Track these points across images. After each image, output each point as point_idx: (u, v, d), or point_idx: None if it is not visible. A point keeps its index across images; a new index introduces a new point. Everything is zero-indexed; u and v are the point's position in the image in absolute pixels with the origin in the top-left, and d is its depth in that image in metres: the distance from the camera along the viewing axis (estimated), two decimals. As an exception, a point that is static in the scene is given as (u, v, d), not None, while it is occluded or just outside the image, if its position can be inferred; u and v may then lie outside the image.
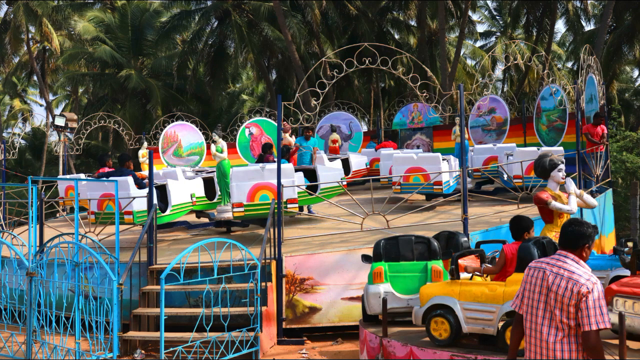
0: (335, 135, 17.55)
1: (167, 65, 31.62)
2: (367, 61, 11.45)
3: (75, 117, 18.60)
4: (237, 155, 17.47)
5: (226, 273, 7.30)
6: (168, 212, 10.19)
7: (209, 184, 11.86)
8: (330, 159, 14.68)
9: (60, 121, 17.73)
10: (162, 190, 10.29)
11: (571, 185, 7.04)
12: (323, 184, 10.76)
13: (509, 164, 11.78)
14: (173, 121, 18.40)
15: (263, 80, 34.27)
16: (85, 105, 37.32)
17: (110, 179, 9.35)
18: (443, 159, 11.65)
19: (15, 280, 8.10)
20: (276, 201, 8.54)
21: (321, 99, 12.23)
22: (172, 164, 16.57)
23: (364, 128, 24.72)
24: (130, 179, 9.81)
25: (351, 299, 8.11)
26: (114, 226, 7.91)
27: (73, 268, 7.15)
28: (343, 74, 12.04)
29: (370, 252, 6.83)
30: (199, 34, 29.86)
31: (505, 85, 38.64)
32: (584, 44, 18.83)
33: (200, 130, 18.05)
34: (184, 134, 17.47)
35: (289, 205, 9.53)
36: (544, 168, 7.06)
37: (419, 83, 13.04)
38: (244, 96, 41.92)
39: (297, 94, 10.34)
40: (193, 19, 30.36)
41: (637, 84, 42.66)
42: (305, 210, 10.97)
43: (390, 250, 6.48)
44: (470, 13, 32.20)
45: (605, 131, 12.55)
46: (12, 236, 9.36)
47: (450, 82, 25.79)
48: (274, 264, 8.07)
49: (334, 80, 13.47)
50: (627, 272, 5.92)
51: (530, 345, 3.56)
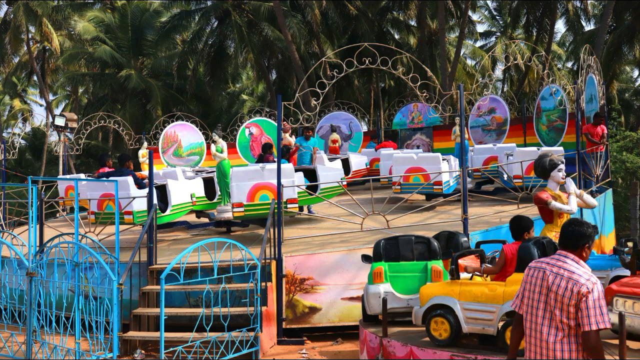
0: (335, 135, 17.54)
1: (167, 65, 31.63)
2: (367, 61, 11.46)
3: (75, 117, 18.60)
4: (237, 155, 17.46)
5: (226, 273, 7.30)
6: (168, 212, 10.19)
7: (209, 184, 11.86)
8: (330, 159, 14.67)
9: (60, 121, 17.73)
10: (162, 190, 10.28)
11: (571, 185, 7.04)
12: (323, 184, 10.76)
13: (509, 164, 11.78)
14: (173, 121, 18.40)
15: (263, 80, 34.27)
16: (85, 105, 37.31)
17: (110, 179, 9.35)
18: (443, 159, 11.64)
19: (15, 280, 8.10)
20: (276, 201, 8.54)
21: (321, 99, 12.23)
22: (172, 164, 16.56)
23: (364, 128, 24.72)
24: (130, 179, 9.81)
25: (351, 299, 8.10)
26: (114, 226, 7.91)
27: (73, 268, 7.15)
28: (343, 74, 12.05)
29: (370, 252, 6.83)
30: (199, 34, 29.87)
31: (505, 85, 38.63)
32: (584, 44, 18.83)
33: (200, 130, 18.05)
34: (184, 134, 17.47)
35: (289, 205, 9.53)
36: (544, 168, 7.06)
37: (419, 83, 13.05)
38: (244, 96, 41.91)
39: (297, 94, 10.34)
40: (193, 19, 30.36)
41: (637, 84, 42.66)
42: (305, 210, 10.96)
43: (390, 250, 6.48)
44: (470, 13, 32.19)
45: (605, 131, 12.55)
46: (12, 236, 9.36)
47: (450, 82, 25.78)
48: (274, 264, 8.07)
49: (334, 80, 13.48)
50: (627, 272, 5.92)
51: (530, 345, 3.55)
